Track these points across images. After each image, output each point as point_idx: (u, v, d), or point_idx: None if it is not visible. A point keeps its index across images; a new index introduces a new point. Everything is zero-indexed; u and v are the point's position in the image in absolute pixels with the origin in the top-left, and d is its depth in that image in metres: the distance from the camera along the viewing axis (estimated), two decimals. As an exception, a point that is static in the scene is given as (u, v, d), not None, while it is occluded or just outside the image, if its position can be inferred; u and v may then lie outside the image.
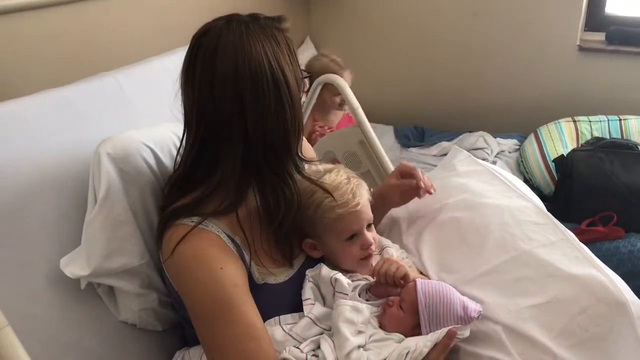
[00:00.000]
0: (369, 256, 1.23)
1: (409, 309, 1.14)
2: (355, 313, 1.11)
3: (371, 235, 1.23)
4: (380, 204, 1.37)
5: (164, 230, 1.13)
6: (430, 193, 1.34)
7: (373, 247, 1.22)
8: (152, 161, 1.25)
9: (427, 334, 1.10)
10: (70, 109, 1.34)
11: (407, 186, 1.35)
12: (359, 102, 1.85)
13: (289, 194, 1.14)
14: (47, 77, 1.55)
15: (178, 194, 1.17)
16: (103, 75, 1.49)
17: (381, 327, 1.15)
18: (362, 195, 1.22)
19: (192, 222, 1.10)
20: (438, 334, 1.08)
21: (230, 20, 1.11)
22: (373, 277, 1.20)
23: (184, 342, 1.29)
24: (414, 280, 1.17)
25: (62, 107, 1.33)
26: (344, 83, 1.83)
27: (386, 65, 3.22)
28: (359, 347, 1.08)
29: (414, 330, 1.13)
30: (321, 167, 1.28)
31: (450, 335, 1.07)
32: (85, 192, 1.24)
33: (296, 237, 1.24)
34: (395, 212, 1.45)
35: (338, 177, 1.22)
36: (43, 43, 1.75)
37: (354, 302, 1.14)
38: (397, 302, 1.15)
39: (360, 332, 1.10)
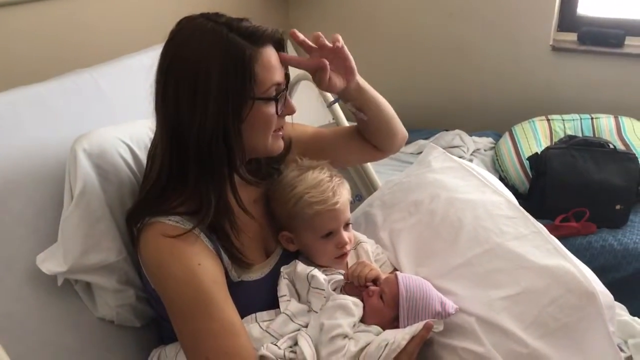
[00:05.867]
0: (343, 255, 1.24)
1: (390, 301, 1.15)
2: (355, 307, 1.13)
3: (347, 234, 1.24)
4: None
5: (140, 227, 1.13)
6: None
7: (348, 247, 1.24)
8: (128, 157, 1.26)
9: (405, 327, 1.12)
10: (44, 105, 1.34)
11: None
12: (336, 100, 1.85)
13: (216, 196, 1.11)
14: (22, 74, 1.54)
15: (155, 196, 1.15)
16: (79, 72, 1.48)
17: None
18: (342, 195, 1.23)
19: (170, 220, 1.10)
20: (415, 327, 1.09)
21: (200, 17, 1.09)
22: (347, 279, 1.21)
23: (161, 339, 1.29)
24: (395, 273, 1.18)
25: (36, 104, 1.33)
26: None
27: (362, 64, 3.21)
28: (345, 336, 1.09)
29: (393, 323, 1.14)
30: (306, 162, 1.28)
31: (427, 328, 1.09)
32: (62, 188, 1.23)
33: (274, 230, 1.25)
34: (371, 207, 1.47)
35: (321, 174, 1.23)
36: (17, 40, 1.73)
37: (355, 298, 1.15)
38: (377, 293, 1.16)
39: (353, 325, 1.11)
